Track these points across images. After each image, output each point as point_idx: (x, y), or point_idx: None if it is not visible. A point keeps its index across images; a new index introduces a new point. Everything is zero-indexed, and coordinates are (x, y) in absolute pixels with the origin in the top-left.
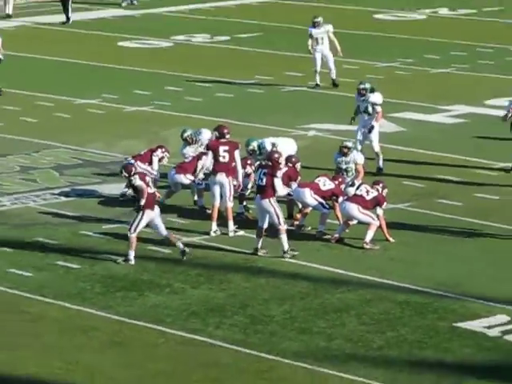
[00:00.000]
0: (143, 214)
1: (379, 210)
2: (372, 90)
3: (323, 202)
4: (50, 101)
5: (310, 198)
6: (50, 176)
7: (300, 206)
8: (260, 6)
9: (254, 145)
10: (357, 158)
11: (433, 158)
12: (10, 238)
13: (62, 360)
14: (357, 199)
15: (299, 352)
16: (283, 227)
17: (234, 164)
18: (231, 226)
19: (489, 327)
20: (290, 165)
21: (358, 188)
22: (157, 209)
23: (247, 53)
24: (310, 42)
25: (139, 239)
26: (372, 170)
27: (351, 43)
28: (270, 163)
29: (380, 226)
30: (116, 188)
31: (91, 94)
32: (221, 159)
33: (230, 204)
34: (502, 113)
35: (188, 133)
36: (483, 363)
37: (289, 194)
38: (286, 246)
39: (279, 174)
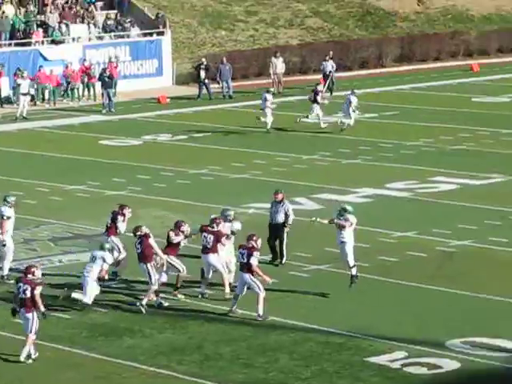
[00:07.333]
0: None
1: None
2: None
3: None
4: (46, 187)
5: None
6: (47, 246)
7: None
8: (211, 112)
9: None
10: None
11: None
12: None
13: None
14: None
15: (243, 382)
16: (262, 294)
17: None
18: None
19: (391, 361)
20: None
21: None
22: None
23: (201, 149)
24: None
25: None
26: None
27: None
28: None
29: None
30: None
31: (79, 182)
32: None
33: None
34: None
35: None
36: None
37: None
38: (260, 311)
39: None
